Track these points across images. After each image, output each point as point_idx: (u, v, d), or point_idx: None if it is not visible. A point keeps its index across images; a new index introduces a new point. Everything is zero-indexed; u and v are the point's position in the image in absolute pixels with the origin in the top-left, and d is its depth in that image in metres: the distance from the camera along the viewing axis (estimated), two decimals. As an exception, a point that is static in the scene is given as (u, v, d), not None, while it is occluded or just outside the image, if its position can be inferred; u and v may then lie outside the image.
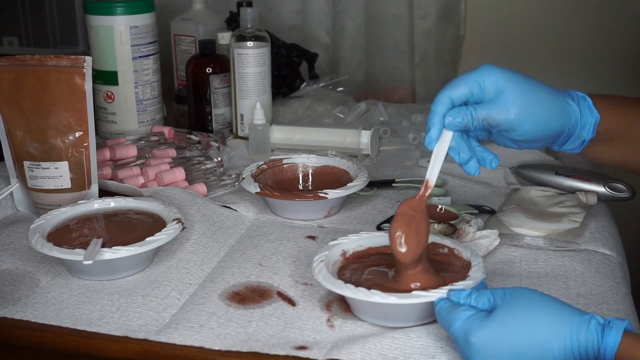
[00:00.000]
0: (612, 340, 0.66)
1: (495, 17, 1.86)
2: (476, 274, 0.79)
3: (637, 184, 1.13)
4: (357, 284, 0.79)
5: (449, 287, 0.76)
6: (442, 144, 0.81)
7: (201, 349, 0.78)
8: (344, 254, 0.88)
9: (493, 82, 0.79)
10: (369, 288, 0.77)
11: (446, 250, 0.87)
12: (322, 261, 0.84)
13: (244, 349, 0.77)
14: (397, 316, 0.79)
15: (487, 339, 0.68)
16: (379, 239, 0.90)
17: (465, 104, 0.81)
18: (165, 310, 0.85)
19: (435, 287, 0.78)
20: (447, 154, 0.82)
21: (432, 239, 0.87)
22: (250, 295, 0.88)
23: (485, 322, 0.69)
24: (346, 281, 0.80)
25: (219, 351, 0.77)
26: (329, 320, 0.83)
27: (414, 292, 0.76)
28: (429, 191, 0.81)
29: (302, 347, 0.77)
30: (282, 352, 0.76)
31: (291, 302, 0.86)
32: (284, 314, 0.84)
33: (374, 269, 0.85)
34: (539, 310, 0.69)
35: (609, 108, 0.85)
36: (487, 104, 0.79)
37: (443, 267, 0.85)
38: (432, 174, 0.82)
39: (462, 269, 0.83)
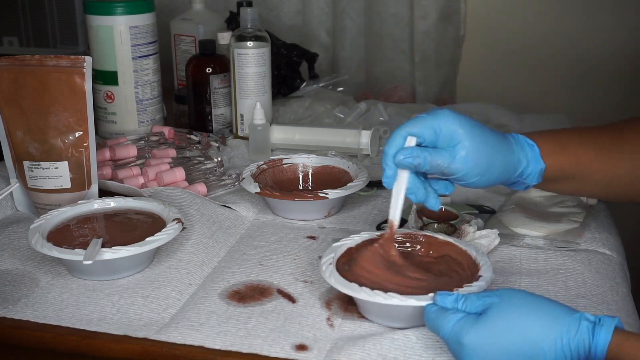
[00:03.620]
0: (603, 338, 0.66)
1: (495, 17, 1.85)
2: (486, 273, 0.80)
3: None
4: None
5: (457, 290, 0.77)
6: (400, 183, 0.82)
7: (201, 348, 0.78)
8: None
9: (449, 130, 0.80)
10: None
11: (451, 247, 0.87)
12: (330, 263, 0.84)
13: (244, 347, 0.77)
14: (412, 318, 0.79)
15: (479, 340, 0.68)
16: None
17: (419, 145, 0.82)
18: (165, 311, 0.85)
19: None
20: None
21: (439, 237, 0.89)
22: (250, 294, 0.88)
23: (477, 324, 0.69)
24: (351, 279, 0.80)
25: (219, 351, 0.77)
26: (328, 318, 0.83)
27: (431, 295, 0.76)
28: (394, 231, 0.84)
29: (301, 346, 0.77)
30: (282, 353, 0.76)
31: (291, 299, 0.86)
32: (284, 310, 0.84)
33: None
34: (530, 311, 0.69)
35: (555, 152, 0.86)
36: (440, 151, 0.81)
37: (450, 266, 0.85)
38: (395, 215, 0.83)
39: (470, 268, 0.83)
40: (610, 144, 0.88)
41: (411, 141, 0.81)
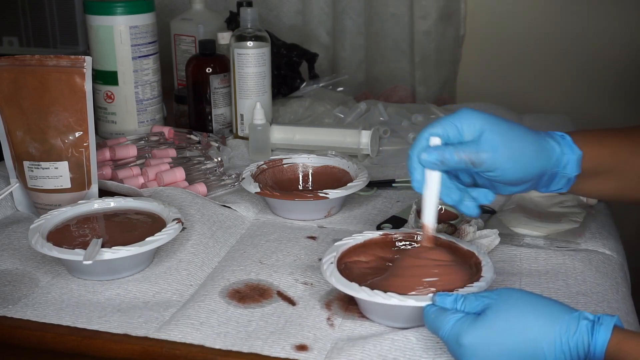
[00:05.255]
0: (602, 337, 0.66)
1: (495, 17, 1.85)
2: (488, 274, 0.80)
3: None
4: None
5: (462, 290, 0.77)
6: (431, 186, 0.80)
7: (201, 348, 0.78)
8: None
9: (471, 125, 0.78)
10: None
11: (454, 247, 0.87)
12: (332, 263, 0.84)
13: (244, 348, 0.77)
14: (412, 318, 0.79)
15: (478, 340, 0.68)
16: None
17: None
18: (165, 310, 0.85)
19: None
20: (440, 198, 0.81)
21: (442, 237, 0.89)
22: (250, 294, 0.88)
23: (476, 324, 0.69)
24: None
25: (219, 350, 0.77)
26: (329, 318, 0.83)
27: (430, 295, 0.76)
28: (432, 235, 0.82)
29: (302, 346, 0.77)
30: (282, 353, 0.76)
31: (291, 302, 0.86)
32: (284, 313, 0.84)
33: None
34: (528, 310, 0.69)
35: (590, 143, 0.83)
36: (467, 144, 0.78)
37: (453, 264, 0.85)
38: (429, 219, 0.82)
39: (472, 268, 0.83)
40: None
41: (435, 141, 0.79)
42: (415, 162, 0.79)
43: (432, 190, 0.80)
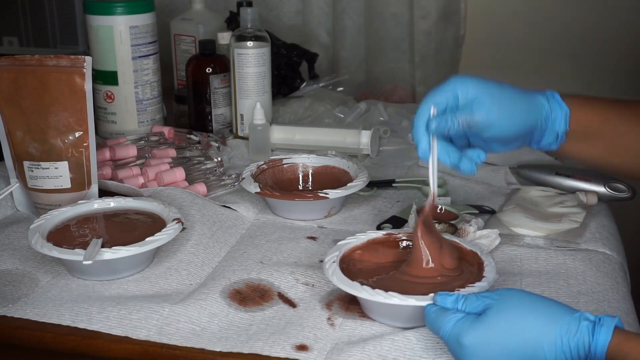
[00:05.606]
0: (603, 338, 0.66)
1: (495, 17, 1.85)
2: (490, 274, 0.80)
3: (637, 184, 1.13)
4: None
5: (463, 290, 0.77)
6: (433, 153, 0.84)
7: (202, 350, 0.78)
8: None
9: (464, 89, 0.83)
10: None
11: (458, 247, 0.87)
12: (334, 262, 0.84)
13: (245, 349, 0.77)
14: (413, 317, 0.79)
15: (479, 340, 0.68)
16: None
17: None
18: (165, 309, 0.85)
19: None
20: (438, 160, 0.84)
21: (445, 237, 0.89)
22: (251, 295, 0.88)
23: (476, 324, 0.69)
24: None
25: (219, 352, 0.77)
26: (329, 318, 0.83)
27: (432, 295, 0.76)
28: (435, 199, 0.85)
29: (302, 346, 0.77)
30: (282, 353, 0.76)
31: (292, 304, 0.86)
32: (285, 316, 0.84)
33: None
34: (529, 310, 0.69)
35: (581, 105, 0.87)
36: (462, 108, 0.83)
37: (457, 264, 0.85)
38: (435, 184, 0.84)
39: (475, 268, 0.83)
40: None
41: (433, 110, 0.83)
42: (422, 131, 0.83)
43: (435, 157, 0.84)
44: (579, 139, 0.87)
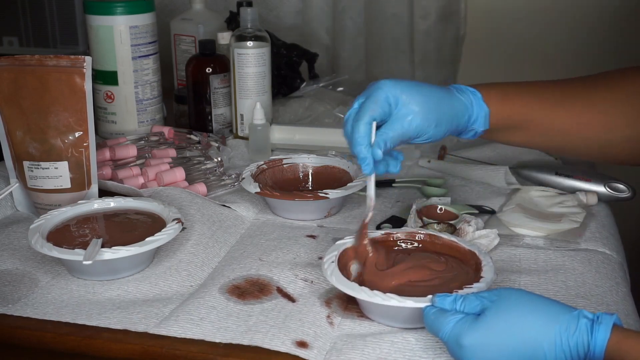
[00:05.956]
0: (602, 336, 0.66)
1: (495, 17, 1.86)
2: (488, 274, 0.80)
3: (637, 184, 1.13)
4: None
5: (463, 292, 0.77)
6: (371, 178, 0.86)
7: (201, 347, 0.78)
8: None
9: (395, 97, 0.84)
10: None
11: (455, 247, 0.88)
12: (332, 262, 0.84)
13: (244, 341, 0.77)
14: (412, 318, 0.79)
15: (478, 341, 0.68)
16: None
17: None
18: (165, 307, 0.85)
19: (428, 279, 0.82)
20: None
21: (443, 236, 0.89)
22: (249, 290, 0.88)
23: (475, 325, 0.69)
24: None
25: (219, 348, 0.77)
26: (328, 316, 0.83)
27: (430, 296, 0.76)
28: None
29: (302, 343, 0.77)
30: (282, 348, 0.76)
31: (291, 299, 0.86)
32: (284, 309, 0.84)
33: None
34: (528, 310, 0.69)
35: (499, 101, 0.89)
36: (394, 125, 0.84)
37: (457, 264, 0.85)
38: (372, 194, 0.86)
39: (473, 268, 0.83)
40: (559, 97, 0.91)
41: (374, 126, 0.84)
42: (367, 152, 0.84)
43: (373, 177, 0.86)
44: (500, 131, 0.91)
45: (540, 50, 1.84)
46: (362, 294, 0.78)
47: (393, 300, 0.76)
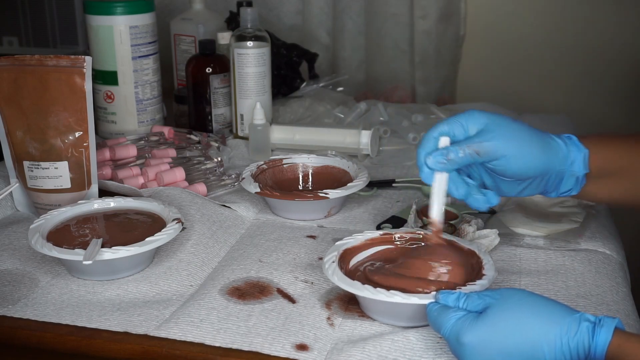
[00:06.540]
0: (603, 339, 0.66)
1: (495, 17, 1.86)
2: (489, 272, 0.80)
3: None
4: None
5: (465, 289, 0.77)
6: (438, 183, 0.81)
7: (202, 348, 0.78)
8: None
9: (476, 122, 0.80)
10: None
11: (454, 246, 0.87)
12: (333, 262, 0.84)
13: (244, 345, 0.77)
14: (414, 316, 0.79)
15: (478, 339, 0.68)
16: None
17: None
18: (165, 309, 0.85)
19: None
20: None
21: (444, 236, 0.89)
22: (250, 291, 0.88)
23: (476, 323, 0.69)
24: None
25: (219, 349, 0.77)
26: (329, 318, 0.83)
27: (433, 293, 0.76)
28: (440, 228, 0.83)
29: (302, 346, 0.77)
30: (282, 352, 0.76)
31: (291, 300, 0.86)
32: (284, 310, 0.84)
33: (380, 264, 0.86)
34: (529, 310, 0.69)
35: (596, 144, 0.84)
36: (471, 137, 0.80)
37: (457, 263, 0.85)
38: (436, 214, 0.82)
39: (473, 267, 0.83)
40: None
41: (445, 141, 0.81)
42: (422, 163, 0.81)
43: (439, 187, 0.81)
44: (598, 178, 0.85)
45: (540, 51, 1.83)
46: (366, 292, 0.78)
47: (397, 297, 0.76)
